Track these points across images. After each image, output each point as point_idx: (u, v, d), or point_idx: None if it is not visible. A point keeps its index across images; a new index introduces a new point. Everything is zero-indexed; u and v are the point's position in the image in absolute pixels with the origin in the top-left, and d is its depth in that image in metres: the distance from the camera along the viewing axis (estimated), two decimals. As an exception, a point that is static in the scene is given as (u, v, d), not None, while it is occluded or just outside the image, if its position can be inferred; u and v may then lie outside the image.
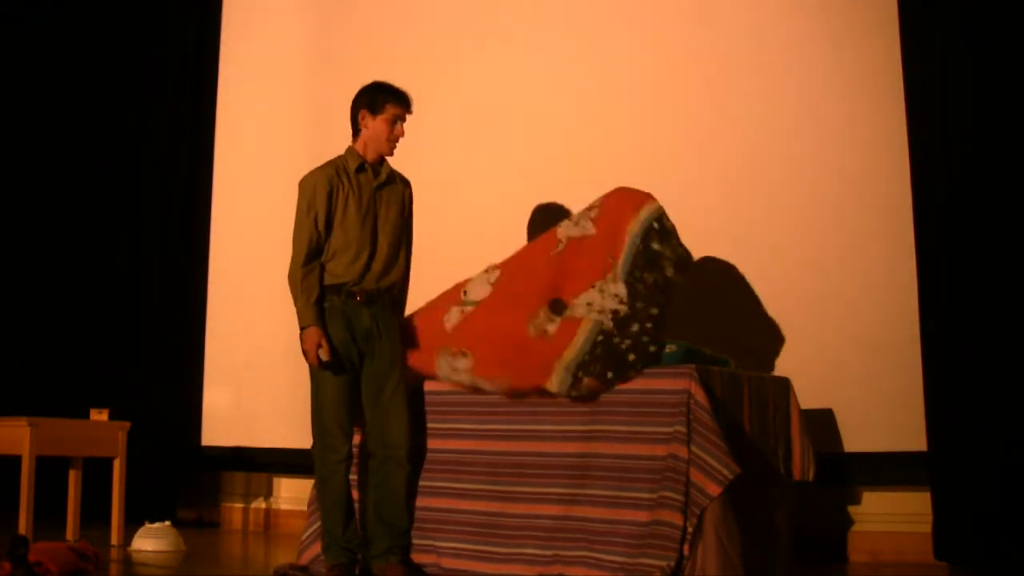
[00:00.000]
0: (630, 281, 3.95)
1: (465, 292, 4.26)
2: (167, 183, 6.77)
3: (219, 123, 6.84)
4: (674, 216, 4.56)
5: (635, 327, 3.84)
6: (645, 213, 4.09)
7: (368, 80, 4.20)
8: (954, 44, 4.40)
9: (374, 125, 4.08)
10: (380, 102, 4.08)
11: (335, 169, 4.07)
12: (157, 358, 6.55)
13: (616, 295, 3.92)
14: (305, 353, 3.96)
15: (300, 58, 6.60)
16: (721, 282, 4.98)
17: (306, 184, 4.06)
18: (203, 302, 6.68)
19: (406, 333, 4.17)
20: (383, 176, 4.14)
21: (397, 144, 4.12)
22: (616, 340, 3.82)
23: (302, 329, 3.96)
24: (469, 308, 4.18)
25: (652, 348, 3.81)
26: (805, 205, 4.89)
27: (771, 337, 4.85)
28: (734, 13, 5.19)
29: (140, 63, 6.94)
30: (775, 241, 4.92)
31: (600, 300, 3.94)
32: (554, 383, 3.80)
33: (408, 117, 4.13)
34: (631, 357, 3.78)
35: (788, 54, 5.03)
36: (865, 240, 4.74)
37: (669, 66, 5.32)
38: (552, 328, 3.95)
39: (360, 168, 4.09)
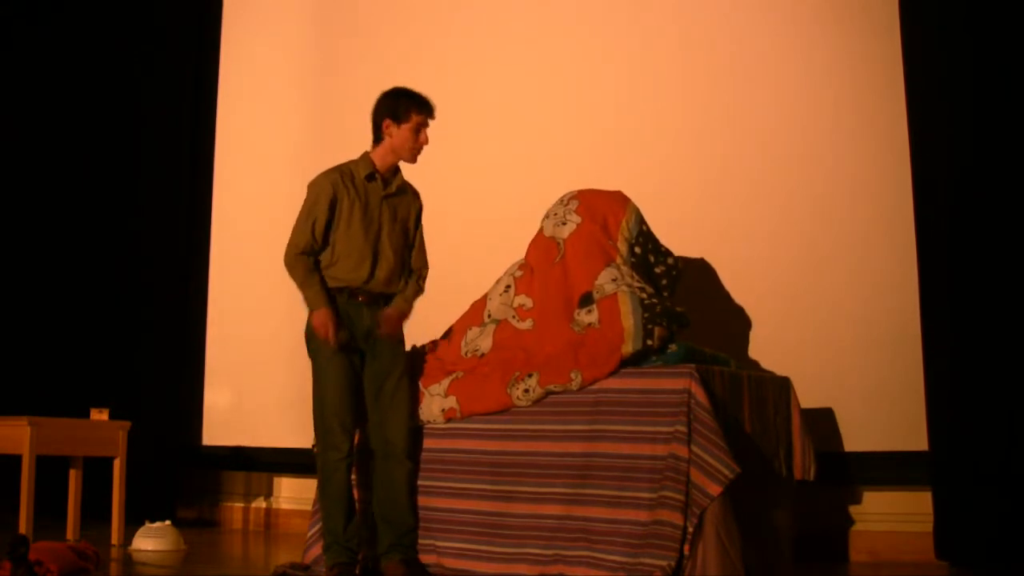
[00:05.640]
0: (635, 263, 4.17)
1: (489, 315, 4.29)
2: (167, 183, 6.77)
3: (219, 123, 6.84)
4: (675, 217, 4.57)
5: (657, 297, 4.01)
6: (633, 206, 4.32)
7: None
8: (955, 44, 4.40)
9: (399, 134, 4.01)
10: (404, 111, 4.00)
11: (342, 175, 4.02)
12: (157, 358, 6.55)
13: (631, 275, 4.08)
14: (315, 334, 3.91)
15: (300, 58, 6.59)
16: (721, 282, 4.98)
17: (311, 189, 4.03)
18: (203, 302, 6.68)
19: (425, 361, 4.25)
20: (393, 187, 4.09)
21: (421, 152, 4.07)
22: (656, 300, 3.94)
23: (311, 313, 3.92)
24: (504, 330, 4.21)
25: (679, 308, 3.97)
26: (805, 205, 4.89)
27: (771, 337, 4.86)
28: (735, 14, 5.19)
29: (140, 63, 6.94)
30: (775, 241, 4.93)
31: (620, 275, 4.06)
32: (629, 345, 3.83)
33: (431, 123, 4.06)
34: (678, 308, 3.95)
35: (790, 55, 5.03)
36: (866, 240, 4.74)
37: (671, 68, 5.32)
38: (593, 317, 3.99)
39: (370, 177, 4.04)
